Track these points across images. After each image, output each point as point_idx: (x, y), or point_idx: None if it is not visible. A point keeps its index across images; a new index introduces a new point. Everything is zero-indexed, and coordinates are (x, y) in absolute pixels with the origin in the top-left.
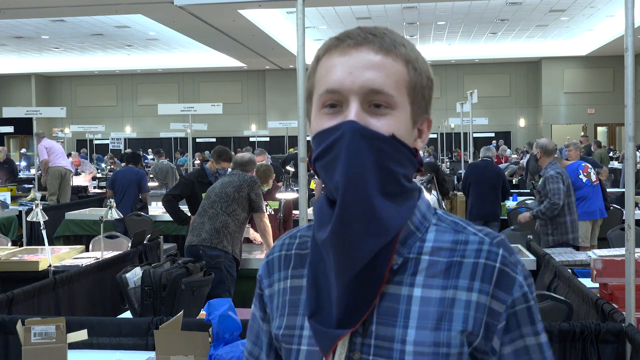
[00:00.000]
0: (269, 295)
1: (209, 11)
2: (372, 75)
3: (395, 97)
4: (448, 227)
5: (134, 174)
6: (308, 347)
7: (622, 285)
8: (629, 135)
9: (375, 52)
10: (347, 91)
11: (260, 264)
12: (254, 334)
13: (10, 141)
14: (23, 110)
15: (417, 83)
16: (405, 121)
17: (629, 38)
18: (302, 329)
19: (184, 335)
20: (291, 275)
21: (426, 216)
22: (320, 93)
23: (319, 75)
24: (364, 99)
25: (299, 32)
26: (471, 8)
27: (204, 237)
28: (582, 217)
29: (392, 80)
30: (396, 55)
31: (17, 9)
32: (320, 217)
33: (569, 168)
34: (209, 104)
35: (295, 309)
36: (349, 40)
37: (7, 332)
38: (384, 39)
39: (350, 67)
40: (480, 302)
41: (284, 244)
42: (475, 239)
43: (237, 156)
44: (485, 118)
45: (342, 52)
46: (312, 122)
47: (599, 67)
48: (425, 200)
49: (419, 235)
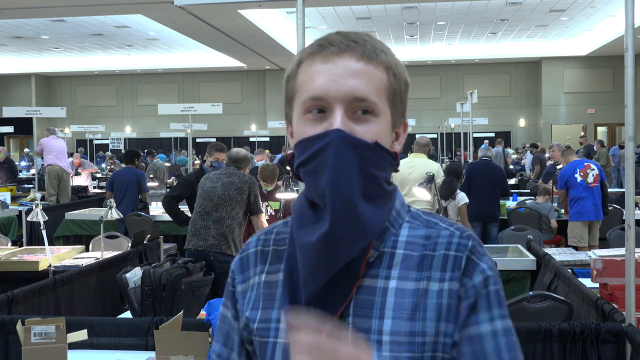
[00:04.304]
0: (241, 291)
1: (209, 11)
2: (355, 82)
3: (378, 103)
4: (420, 223)
5: (133, 174)
6: (285, 340)
7: (622, 285)
8: (629, 135)
9: (357, 60)
10: (331, 98)
11: (233, 260)
12: (224, 335)
13: (10, 141)
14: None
15: (397, 88)
16: (386, 127)
17: (629, 38)
18: (278, 322)
19: (184, 335)
20: (268, 270)
21: (400, 213)
22: (304, 99)
23: (301, 80)
24: (348, 106)
25: (299, 32)
26: (471, 8)
27: (212, 242)
28: (573, 217)
29: (374, 87)
30: (378, 62)
31: (17, 9)
32: (301, 217)
33: (568, 166)
34: (209, 104)
35: (271, 302)
36: (331, 47)
37: (7, 332)
38: (366, 46)
39: (334, 74)
40: (453, 289)
41: (259, 239)
42: (446, 233)
43: (232, 151)
44: (485, 118)
45: (324, 59)
46: (294, 127)
47: (599, 67)
48: (400, 198)
49: (393, 231)
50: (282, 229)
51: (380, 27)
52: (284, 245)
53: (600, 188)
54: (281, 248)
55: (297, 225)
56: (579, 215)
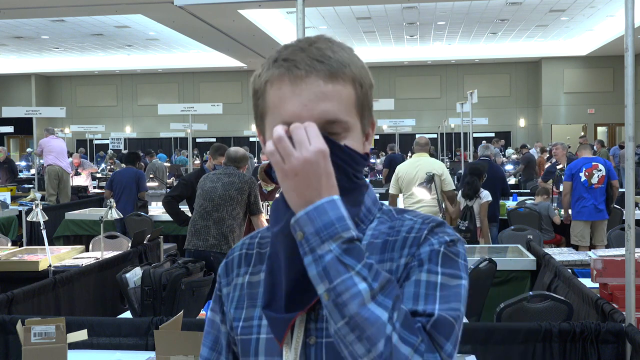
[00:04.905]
0: (226, 294)
1: (209, 11)
2: (325, 106)
3: (349, 121)
4: (388, 218)
5: (132, 174)
6: (267, 335)
7: (622, 285)
8: (629, 135)
9: (325, 82)
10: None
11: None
12: (212, 339)
13: (10, 141)
14: (23, 110)
15: (364, 98)
16: (357, 137)
17: (629, 38)
18: (260, 319)
19: (184, 335)
20: (251, 271)
21: (371, 210)
22: (277, 122)
23: (271, 102)
24: (321, 128)
25: (299, 32)
26: (471, 8)
27: (212, 242)
28: (574, 216)
29: (343, 106)
30: (344, 79)
31: (17, 9)
32: (276, 214)
33: (574, 164)
34: (209, 104)
35: (253, 301)
36: (297, 70)
37: (7, 332)
38: (331, 63)
39: (304, 99)
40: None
41: (244, 243)
42: (409, 222)
43: (230, 151)
44: (485, 118)
45: (292, 83)
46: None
47: (599, 67)
48: (372, 195)
49: (363, 228)
50: (265, 233)
51: (380, 27)
52: (267, 248)
53: (606, 188)
54: (264, 250)
55: (273, 222)
56: (579, 215)
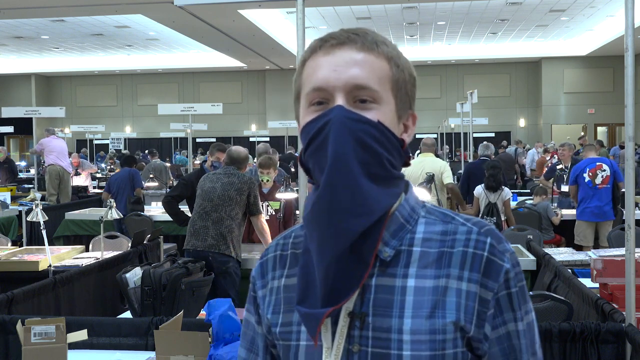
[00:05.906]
0: (262, 296)
1: (209, 11)
2: (355, 71)
3: (380, 91)
4: (437, 218)
5: (126, 172)
6: (307, 342)
7: (622, 285)
8: (629, 135)
9: (358, 50)
10: (332, 88)
11: (254, 266)
12: (249, 340)
13: (10, 141)
14: (23, 110)
15: (400, 79)
16: (390, 115)
17: (629, 38)
18: (299, 325)
19: (184, 335)
20: (287, 274)
21: (415, 209)
22: (307, 92)
23: (305, 75)
24: (349, 95)
25: (299, 32)
26: (471, 8)
27: (211, 242)
28: (577, 216)
29: (375, 76)
30: (378, 53)
31: (17, 9)
32: (308, 202)
33: (578, 166)
34: (209, 104)
35: (291, 305)
36: (332, 40)
37: (7, 332)
38: (366, 37)
39: (335, 64)
40: (471, 290)
41: (278, 244)
42: (463, 229)
43: (231, 150)
44: (485, 118)
45: (326, 52)
46: (300, 120)
47: (599, 67)
48: (414, 194)
49: (409, 228)
50: (300, 232)
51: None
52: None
53: (612, 188)
54: (299, 251)
55: (305, 209)
56: (582, 215)
